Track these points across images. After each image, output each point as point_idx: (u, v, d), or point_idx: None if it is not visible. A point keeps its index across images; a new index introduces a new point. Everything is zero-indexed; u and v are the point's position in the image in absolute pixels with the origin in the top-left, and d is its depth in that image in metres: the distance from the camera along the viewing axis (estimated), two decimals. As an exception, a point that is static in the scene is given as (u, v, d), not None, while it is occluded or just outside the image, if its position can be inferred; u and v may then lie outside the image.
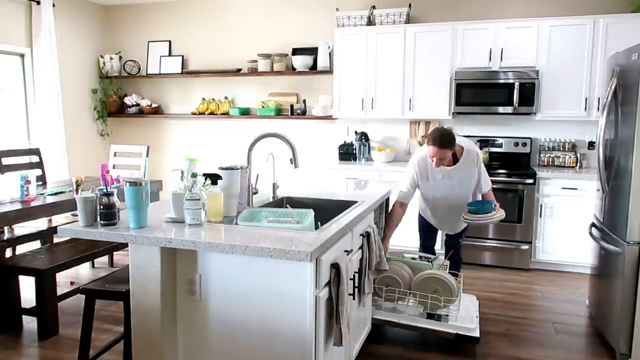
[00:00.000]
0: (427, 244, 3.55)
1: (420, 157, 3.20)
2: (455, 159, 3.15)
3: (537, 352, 2.97)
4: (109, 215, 2.08)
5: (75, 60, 5.85)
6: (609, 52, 4.28)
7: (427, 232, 3.52)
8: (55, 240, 4.15)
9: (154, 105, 6.03)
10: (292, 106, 5.43)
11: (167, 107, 6.14)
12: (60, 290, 3.32)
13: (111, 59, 6.05)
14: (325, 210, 2.76)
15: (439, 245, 4.63)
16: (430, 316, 2.97)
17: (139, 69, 6.09)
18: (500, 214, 3.09)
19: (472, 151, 3.16)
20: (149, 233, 1.98)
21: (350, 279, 2.29)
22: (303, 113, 5.38)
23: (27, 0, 5.18)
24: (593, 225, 3.39)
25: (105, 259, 4.63)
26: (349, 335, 2.43)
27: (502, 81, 4.51)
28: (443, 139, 2.96)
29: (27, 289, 3.58)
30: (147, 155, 4.78)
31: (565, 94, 4.46)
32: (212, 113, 5.75)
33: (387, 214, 3.39)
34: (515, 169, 4.60)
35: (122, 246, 3.82)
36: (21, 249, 4.31)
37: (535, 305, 3.67)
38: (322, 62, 5.22)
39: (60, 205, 3.37)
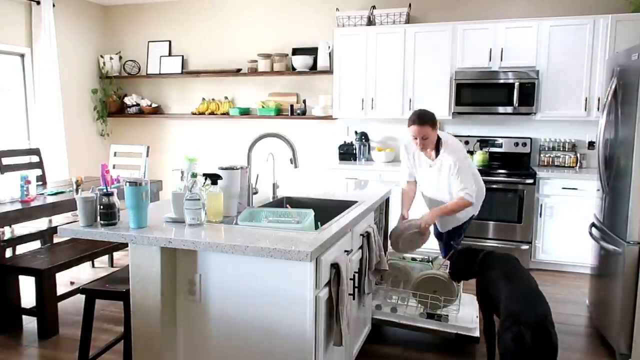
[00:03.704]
0: (438, 234, 3.56)
1: (408, 140, 3.27)
2: (437, 152, 3.17)
3: None
4: (109, 215, 2.08)
5: (75, 60, 5.85)
6: (609, 52, 4.28)
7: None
8: (55, 240, 4.14)
9: (154, 105, 6.03)
10: (292, 106, 5.43)
11: (167, 107, 6.14)
12: (60, 290, 3.32)
13: (111, 59, 6.05)
14: (325, 210, 2.76)
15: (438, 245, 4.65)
16: (430, 316, 2.97)
17: (139, 69, 6.09)
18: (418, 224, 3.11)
19: (453, 144, 3.16)
20: (149, 233, 1.98)
21: (350, 279, 2.29)
22: (303, 113, 5.38)
23: (27, 0, 5.18)
24: (593, 225, 3.39)
25: (105, 259, 4.63)
26: (349, 335, 2.43)
27: (502, 81, 4.51)
28: (421, 115, 3.04)
29: (27, 289, 3.58)
30: (147, 155, 4.78)
31: (565, 94, 4.45)
32: (212, 113, 5.75)
33: (387, 214, 3.39)
34: (515, 169, 4.60)
35: (122, 246, 3.82)
36: (21, 249, 4.31)
37: (535, 305, 3.66)
38: (322, 62, 5.22)
39: (60, 205, 3.37)
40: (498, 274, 2.41)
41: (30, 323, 3.30)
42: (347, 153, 5.21)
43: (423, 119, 3.01)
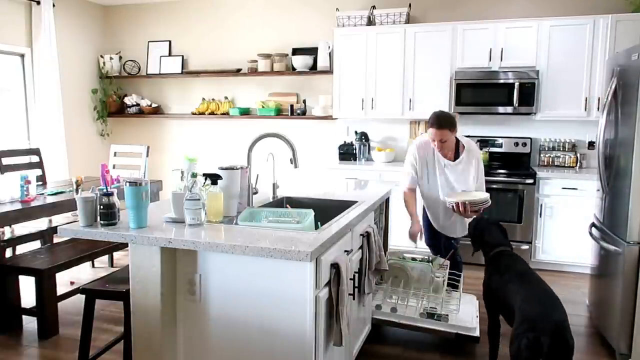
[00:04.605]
0: (431, 242, 3.52)
1: (420, 141, 3.25)
2: (457, 155, 3.17)
3: None
4: (109, 215, 2.08)
5: (75, 60, 5.85)
6: (609, 52, 4.28)
7: (431, 230, 3.47)
8: (55, 240, 4.15)
9: (154, 105, 6.03)
10: (292, 106, 5.43)
11: (167, 107, 6.14)
12: (60, 290, 3.32)
13: (111, 59, 6.05)
14: (325, 210, 2.76)
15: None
16: (430, 316, 2.97)
17: (139, 69, 6.09)
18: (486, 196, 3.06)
19: (473, 149, 3.20)
20: (149, 233, 1.98)
21: (350, 279, 2.29)
22: (303, 113, 5.38)
23: (27, 0, 5.18)
24: (593, 225, 3.39)
25: (105, 259, 4.63)
26: (349, 335, 2.43)
27: (502, 81, 4.51)
28: (441, 119, 3.02)
29: (27, 289, 3.58)
30: (147, 155, 4.78)
31: (565, 94, 4.45)
32: (212, 113, 5.75)
33: (387, 214, 3.39)
34: (515, 169, 4.60)
35: (122, 246, 3.82)
36: (21, 249, 4.31)
37: (535, 305, 3.66)
38: (322, 62, 5.22)
39: (60, 205, 3.37)
40: (511, 275, 2.38)
41: (30, 323, 3.30)
42: (347, 153, 5.21)
43: (441, 122, 3.01)
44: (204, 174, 2.21)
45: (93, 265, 4.49)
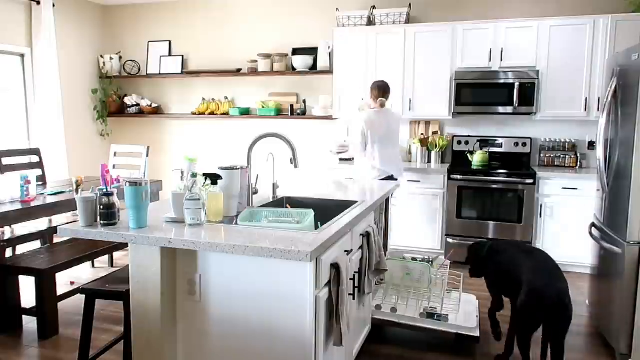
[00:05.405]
0: None
1: (366, 115, 4.08)
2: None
3: (538, 351, 2.96)
4: (109, 215, 2.08)
5: (75, 60, 5.86)
6: (609, 52, 4.28)
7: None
8: (55, 240, 4.15)
9: (154, 105, 6.03)
10: (292, 106, 5.43)
11: (167, 107, 6.14)
12: (60, 290, 3.32)
13: (111, 59, 6.05)
14: (325, 210, 2.76)
15: (438, 245, 4.66)
16: (430, 316, 2.97)
17: (139, 69, 6.09)
18: None
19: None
20: (149, 233, 1.98)
21: (350, 279, 2.29)
22: (303, 113, 5.38)
23: (27, 0, 5.18)
24: (593, 225, 3.39)
25: (105, 259, 4.63)
26: (349, 335, 2.43)
27: (502, 81, 4.51)
28: (386, 85, 4.14)
29: (27, 289, 3.58)
30: (147, 155, 4.78)
31: (565, 94, 4.46)
32: (212, 113, 5.75)
33: (387, 214, 3.40)
34: (515, 169, 4.60)
35: (122, 246, 3.82)
36: (21, 249, 4.31)
37: (535, 305, 3.66)
38: (322, 62, 5.22)
39: (60, 205, 3.37)
40: (514, 251, 2.66)
41: (30, 323, 3.30)
42: (347, 153, 5.21)
43: (387, 89, 4.16)
44: (204, 174, 2.21)
45: (93, 265, 4.49)
